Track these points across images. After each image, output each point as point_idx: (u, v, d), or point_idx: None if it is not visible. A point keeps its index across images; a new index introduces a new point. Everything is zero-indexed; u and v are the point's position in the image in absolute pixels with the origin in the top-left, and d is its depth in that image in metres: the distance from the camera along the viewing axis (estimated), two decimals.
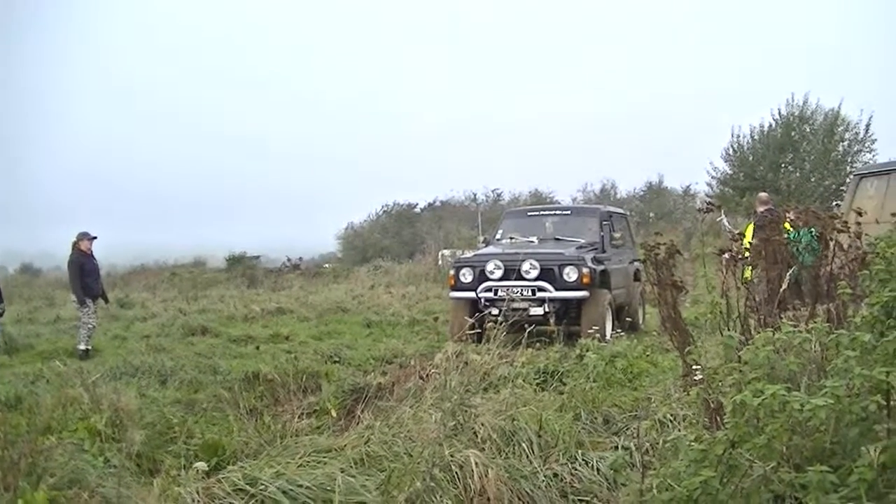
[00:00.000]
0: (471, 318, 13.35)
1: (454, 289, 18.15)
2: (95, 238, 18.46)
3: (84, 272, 18.13)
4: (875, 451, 3.88)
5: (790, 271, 7.66)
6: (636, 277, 20.57)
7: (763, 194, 16.32)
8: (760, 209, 13.69)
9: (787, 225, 9.32)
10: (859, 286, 5.96)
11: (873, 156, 44.21)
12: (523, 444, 7.27)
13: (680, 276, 8.55)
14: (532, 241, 19.01)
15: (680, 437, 4.93)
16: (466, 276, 17.81)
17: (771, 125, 47.87)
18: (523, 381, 10.37)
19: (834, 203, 31.82)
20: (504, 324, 10.99)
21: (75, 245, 18.30)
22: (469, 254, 20.90)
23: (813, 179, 46.58)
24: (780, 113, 47.72)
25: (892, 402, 4.04)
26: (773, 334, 4.84)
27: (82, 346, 17.43)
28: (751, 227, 11.86)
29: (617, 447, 7.64)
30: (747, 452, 4.25)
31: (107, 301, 19.60)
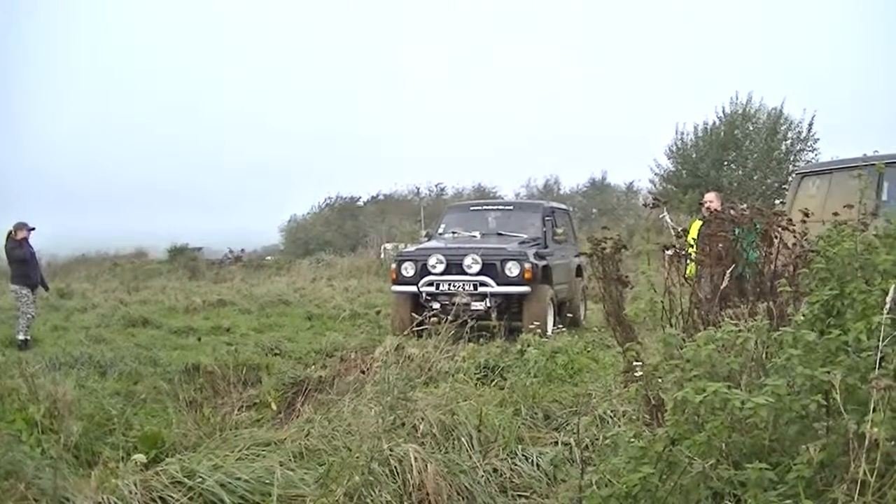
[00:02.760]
0: (413, 312, 13.36)
1: (396, 283, 18.10)
2: (33, 230, 18.30)
3: (22, 261, 18.04)
4: (814, 449, 3.90)
5: (732, 267, 7.69)
6: (578, 273, 20.64)
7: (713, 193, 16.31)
8: (717, 206, 13.69)
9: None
10: (801, 284, 5.99)
11: (816, 155, 44.72)
12: (463, 439, 7.27)
13: (625, 273, 8.59)
14: (474, 236, 19.00)
15: (620, 434, 4.94)
16: (408, 270, 17.78)
17: (715, 123, 48.26)
18: (464, 375, 10.38)
19: (777, 201, 32.07)
20: (445, 318, 10.99)
21: (10, 235, 18.15)
22: (411, 248, 20.87)
23: (755, 177, 46.97)
24: (723, 111, 48.13)
25: (831, 401, 4.06)
26: (716, 332, 4.86)
27: (21, 336, 17.28)
28: (696, 224, 11.90)
29: (557, 443, 7.68)
30: (687, 449, 4.25)
31: (46, 289, 19.47)
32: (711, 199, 14.25)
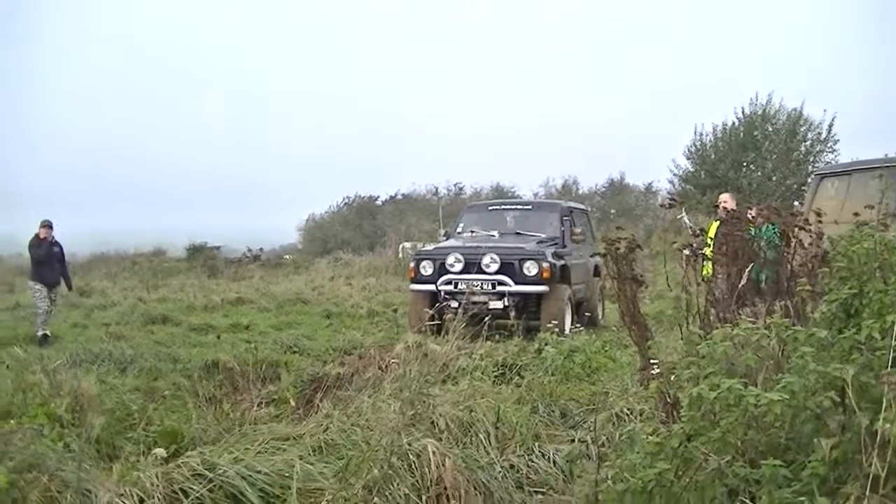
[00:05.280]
0: (431, 310, 13.38)
1: (414, 281, 18.19)
2: (47, 225, 18.36)
3: (38, 261, 18.18)
4: (827, 444, 3.94)
5: (750, 267, 7.72)
6: (596, 273, 20.64)
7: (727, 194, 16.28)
8: (732, 205, 13.67)
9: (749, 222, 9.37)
10: (819, 284, 6.02)
11: (835, 156, 44.43)
12: (480, 436, 7.32)
13: (640, 272, 8.62)
14: (493, 236, 19.01)
15: (635, 430, 4.98)
16: (427, 268, 17.85)
17: (734, 124, 48.04)
18: (482, 373, 10.43)
19: (795, 203, 32.01)
20: (463, 316, 11.04)
21: (36, 234, 18.34)
22: (430, 247, 20.92)
23: (774, 179, 46.76)
24: (743, 112, 47.91)
25: (846, 399, 4.09)
26: (732, 329, 4.89)
27: (39, 332, 17.40)
28: (714, 225, 11.94)
29: (573, 440, 7.71)
30: (702, 446, 4.29)
31: (70, 288, 19.58)
32: (726, 200, 14.28)
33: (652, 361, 6.37)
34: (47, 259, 18.27)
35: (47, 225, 18.31)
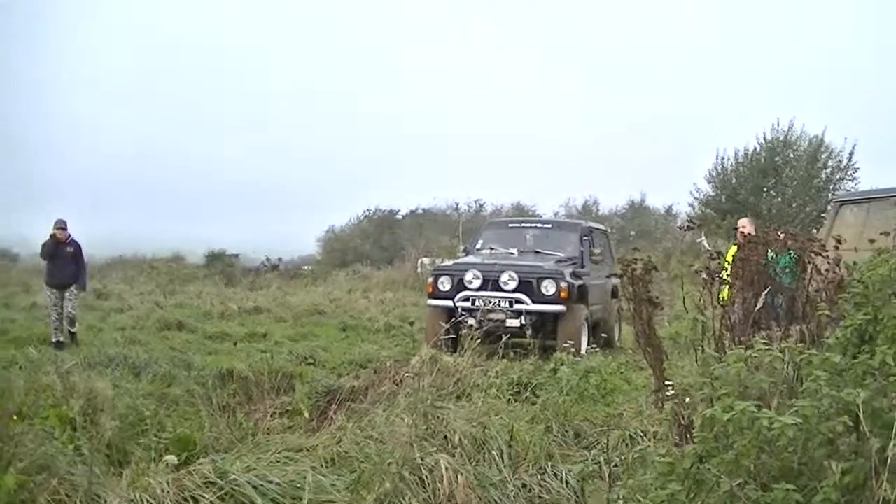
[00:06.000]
0: (447, 325, 13.36)
1: (432, 296, 18.15)
2: (61, 226, 18.28)
3: (48, 260, 18.21)
4: (837, 466, 3.93)
5: (766, 291, 7.71)
6: (614, 294, 20.56)
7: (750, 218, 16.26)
8: (750, 230, 13.64)
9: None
10: (836, 309, 6.01)
11: (855, 184, 44.31)
12: (494, 453, 7.31)
13: (657, 294, 8.60)
14: (512, 253, 18.98)
15: (648, 450, 4.97)
16: (445, 284, 17.81)
17: (755, 149, 47.99)
18: (497, 390, 10.40)
19: (813, 229, 31.97)
20: (479, 332, 11.02)
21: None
22: (448, 262, 20.90)
23: (794, 205, 46.67)
24: (764, 137, 47.86)
25: (859, 424, 4.08)
26: (746, 351, 4.88)
27: (53, 338, 17.39)
28: (732, 249, 11.92)
29: (587, 461, 7.69)
30: (715, 468, 4.28)
31: (83, 289, 19.42)
32: (745, 224, 14.30)
33: (667, 383, 6.36)
34: (53, 259, 18.15)
35: (61, 226, 18.15)
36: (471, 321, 15.66)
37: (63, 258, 18.21)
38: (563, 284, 17.15)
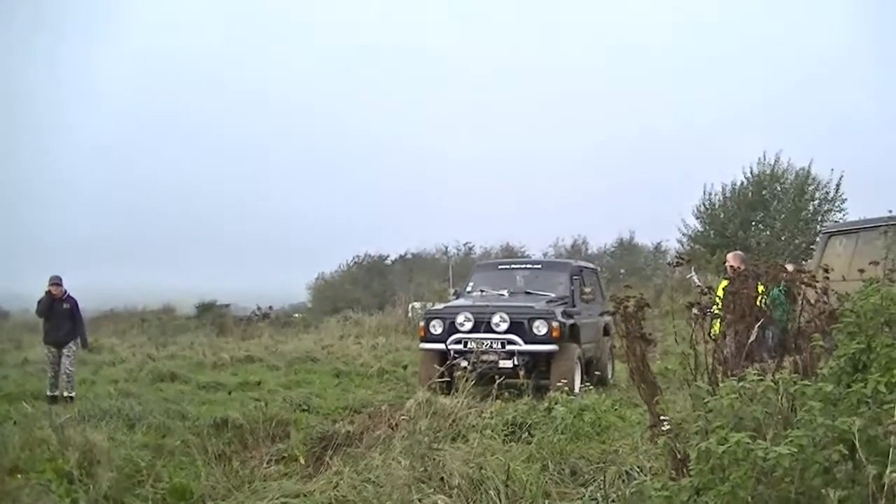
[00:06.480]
0: (440, 368, 13.37)
1: (424, 340, 18.14)
2: (55, 282, 18.15)
3: (43, 318, 18.15)
4: (835, 494, 3.95)
5: (758, 324, 7.73)
6: (606, 332, 20.61)
7: (739, 253, 16.33)
8: (737, 264, 13.74)
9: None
10: (828, 339, 6.03)
11: (843, 215, 44.33)
12: (491, 493, 7.32)
13: (650, 331, 8.62)
14: (502, 295, 18.99)
15: (646, 484, 4.99)
16: (436, 327, 17.82)
17: (742, 183, 48.14)
18: (492, 431, 10.42)
19: (802, 261, 32.03)
20: (473, 374, 11.04)
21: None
22: (440, 306, 20.92)
23: (783, 238, 46.75)
24: (751, 171, 48.02)
25: (855, 453, 4.10)
26: (738, 383, 4.91)
27: (48, 392, 17.32)
28: (723, 284, 11.97)
29: (584, 497, 7.70)
30: (712, 500, 4.30)
31: (84, 345, 19.21)
32: (730, 259, 14.45)
33: (662, 418, 6.38)
34: (50, 316, 18.03)
35: (55, 282, 18.06)
36: (464, 363, 15.67)
37: (60, 315, 17.99)
38: (555, 324, 17.17)
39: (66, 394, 17.38)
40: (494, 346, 17.17)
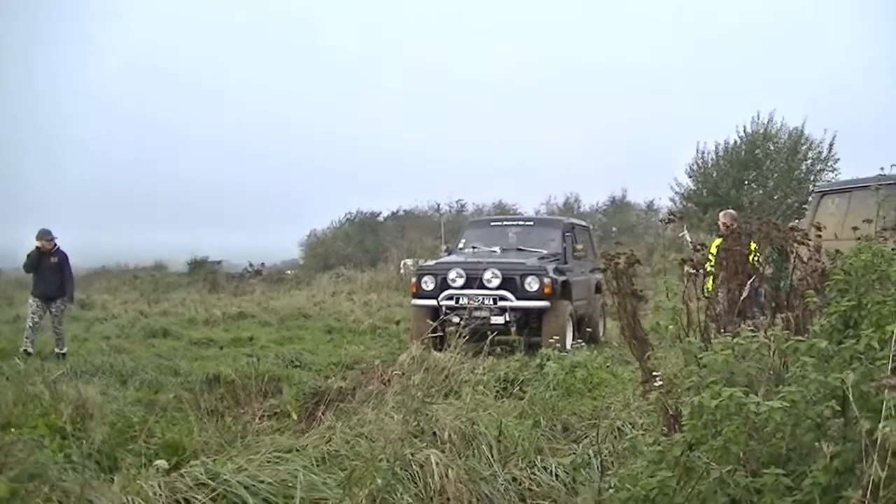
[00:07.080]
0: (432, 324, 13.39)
1: (416, 296, 18.22)
2: (43, 236, 18.02)
3: (31, 272, 18.05)
4: (828, 447, 3.96)
5: (750, 281, 7.73)
6: (597, 289, 20.64)
7: (731, 211, 16.29)
8: (729, 223, 13.71)
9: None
10: (821, 297, 6.03)
11: (836, 174, 44.51)
12: (483, 448, 7.34)
13: (641, 288, 8.62)
14: (494, 251, 19.05)
15: (638, 439, 5.00)
16: (428, 283, 17.86)
17: (736, 142, 48.19)
18: (484, 387, 10.43)
19: (795, 220, 32.10)
20: (465, 330, 11.05)
21: None
22: (431, 262, 20.91)
23: (776, 197, 46.85)
24: (745, 130, 48.05)
25: (847, 408, 4.11)
26: (732, 339, 4.91)
27: (22, 347, 17.05)
28: (716, 242, 11.97)
29: (575, 454, 7.72)
30: (704, 455, 4.31)
31: (71, 300, 19.07)
32: (721, 218, 14.46)
33: (654, 374, 6.39)
34: (38, 270, 17.91)
35: (44, 236, 17.93)
36: (455, 319, 15.67)
37: (48, 269, 17.81)
38: (547, 280, 17.20)
39: (57, 350, 17.30)
40: (486, 302, 17.21)
